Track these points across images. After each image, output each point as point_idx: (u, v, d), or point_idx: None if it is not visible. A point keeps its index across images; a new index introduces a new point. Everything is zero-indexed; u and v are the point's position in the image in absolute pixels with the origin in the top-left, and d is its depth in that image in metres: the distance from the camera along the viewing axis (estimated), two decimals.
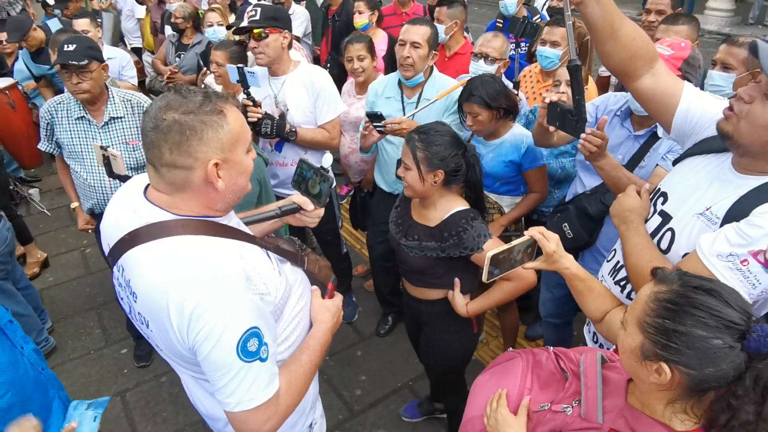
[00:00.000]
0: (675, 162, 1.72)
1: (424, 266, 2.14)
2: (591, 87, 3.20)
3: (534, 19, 4.70)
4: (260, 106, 2.83)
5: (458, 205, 2.07)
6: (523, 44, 4.29)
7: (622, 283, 1.73)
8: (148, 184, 1.37)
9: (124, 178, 2.36)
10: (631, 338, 1.15)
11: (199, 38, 4.83)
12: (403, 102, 2.86)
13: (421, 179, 2.00)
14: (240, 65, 2.77)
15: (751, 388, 1.04)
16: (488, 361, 3.41)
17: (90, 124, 2.84)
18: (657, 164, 2.07)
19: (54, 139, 2.92)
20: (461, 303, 2.15)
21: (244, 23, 2.80)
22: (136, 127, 2.84)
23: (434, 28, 2.83)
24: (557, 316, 2.75)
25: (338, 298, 1.70)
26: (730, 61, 2.62)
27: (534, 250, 1.62)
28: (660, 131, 2.18)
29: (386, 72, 3.96)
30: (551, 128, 1.97)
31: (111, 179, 2.68)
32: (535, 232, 1.60)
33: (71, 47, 2.63)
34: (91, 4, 6.86)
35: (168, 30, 5.39)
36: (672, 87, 1.61)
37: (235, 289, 1.25)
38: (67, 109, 2.85)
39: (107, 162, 2.46)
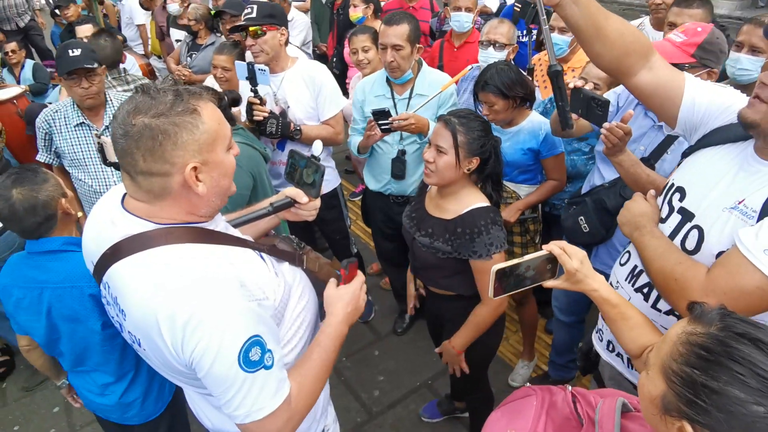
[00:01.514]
0: (684, 155, 1.61)
1: (434, 263, 2.07)
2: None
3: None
4: (266, 104, 2.78)
5: (479, 200, 1.99)
6: (534, 31, 4.20)
7: (644, 291, 1.58)
8: (125, 194, 1.28)
9: (118, 166, 2.32)
10: (653, 385, 0.97)
11: (213, 39, 4.79)
12: (393, 99, 2.77)
13: (457, 165, 1.92)
14: (250, 62, 2.71)
15: None
16: (508, 357, 3.33)
17: (90, 130, 2.79)
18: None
19: (53, 149, 2.87)
20: (447, 345, 2.20)
21: (241, 21, 2.75)
22: None
23: (413, 22, 2.65)
24: (569, 312, 2.67)
25: (356, 281, 1.54)
26: (758, 43, 2.44)
27: (555, 265, 1.45)
28: (664, 127, 2.07)
29: None
30: (573, 116, 1.86)
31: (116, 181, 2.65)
32: (555, 246, 1.42)
33: (77, 52, 2.61)
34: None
35: (174, 33, 5.34)
36: (672, 79, 1.51)
37: (229, 298, 1.18)
38: (65, 117, 2.80)
39: (101, 149, 2.42)
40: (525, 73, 2.91)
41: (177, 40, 5.31)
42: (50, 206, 1.82)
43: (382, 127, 2.62)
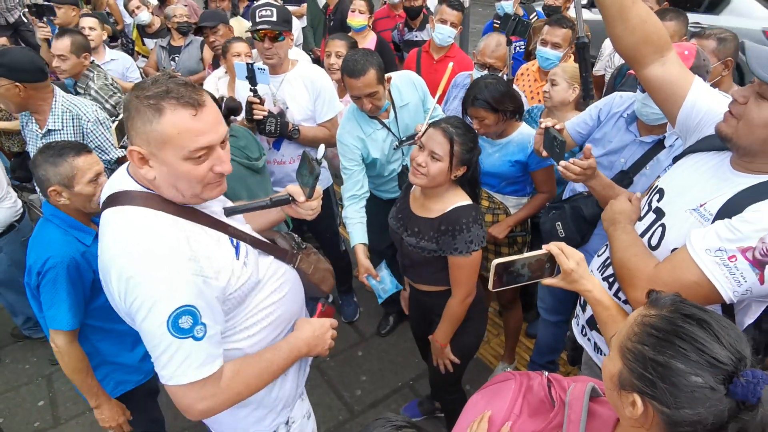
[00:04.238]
0: (675, 159, 1.70)
1: (422, 261, 2.14)
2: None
3: (531, 17, 4.71)
4: (264, 104, 2.84)
5: (461, 199, 2.07)
6: (517, 43, 4.30)
7: (610, 280, 1.71)
8: None
9: None
10: (612, 364, 1.05)
11: (190, 38, 4.80)
12: (386, 125, 2.78)
13: (449, 171, 2.00)
14: (250, 62, 2.75)
15: None
16: (489, 359, 3.41)
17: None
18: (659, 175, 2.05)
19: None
20: (438, 343, 2.28)
21: (261, 24, 2.77)
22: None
23: (375, 59, 2.52)
24: (555, 312, 2.75)
25: (326, 320, 1.70)
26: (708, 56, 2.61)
27: (553, 265, 1.52)
28: (668, 140, 2.15)
29: None
30: (544, 153, 2.01)
31: None
32: (554, 246, 1.49)
33: None
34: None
35: (148, 42, 5.35)
36: (681, 79, 1.58)
37: (172, 267, 1.29)
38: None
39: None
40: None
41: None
42: (42, 185, 1.98)
43: (406, 144, 2.78)
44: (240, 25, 5.13)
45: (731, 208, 1.36)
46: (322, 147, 1.68)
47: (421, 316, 2.49)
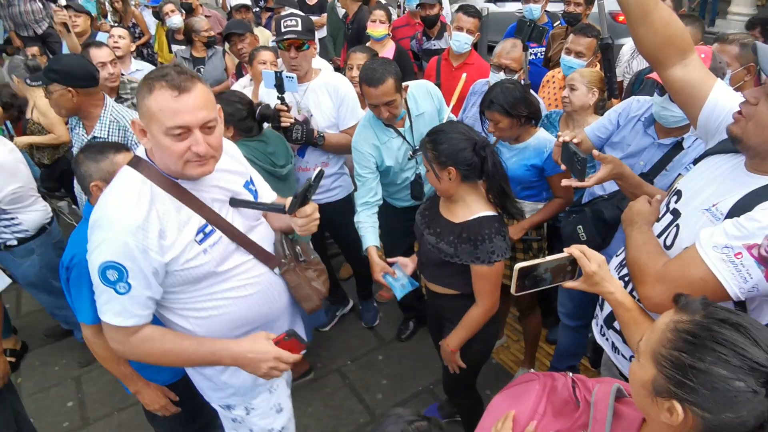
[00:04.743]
0: (696, 161, 1.71)
1: (438, 261, 2.17)
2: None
3: (554, 24, 4.73)
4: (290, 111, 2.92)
5: (486, 209, 2.09)
6: (536, 49, 4.33)
7: (626, 279, 1.72)
8: None
9: None
10: (644, 370, 1.05)
11: (213, 50, 4.91)
12: (401, 134, 2.83)
13: (437, 177, 2.05)
14: (279, 71, 2.83)
15: None
16: (509, 365, 3.42)
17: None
18: (679, 173, 2.05)
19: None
20: (447, 345, 2.30)
21: (287, 34, 2.85)
22: None
23: (393, 68, 2.57)
24: (575, 317, 2.75)
25: (276, 351, 1.66)
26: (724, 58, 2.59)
27: (575, 268, 1.52)
28: (686, 142, 2.16)
29: None
30: (562, 166, 2.03)
31: None
32: (575, 249, 1.51)
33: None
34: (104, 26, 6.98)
35: (175, 48, 5.49)
36: (702, 82, 1.59)
37: (118, 230, 1.51)
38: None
39: None
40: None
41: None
42: (83, 181, 2.06)
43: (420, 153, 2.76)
44: (262, 35, 5.25)
45: (741, 208, 1.37)
46: (317, 170, 1.72)
47: (433, 317, 2.52)
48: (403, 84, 2.66)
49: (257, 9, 6.44)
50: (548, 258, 1.49)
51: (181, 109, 1.47)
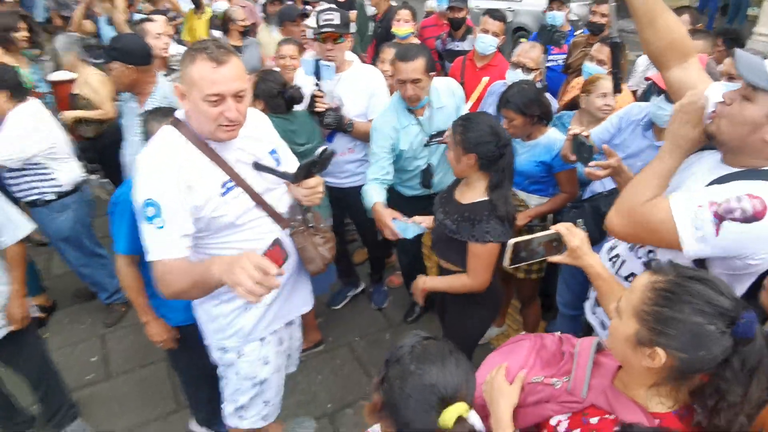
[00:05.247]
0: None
1: (445, 238, 2.37)
2: (626, 95, 3.38)
3: (576, 33, 4.91)
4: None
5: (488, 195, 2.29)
6: (558, 56, 4.52)
7: (613, 260, 1.91)
8: None
9: None
10: (626, 326, 1.22)
11: (249, 40, 5.12)
12: (419, 123, 3.01)
13: (458, 159, 2.25)
14: (318, 58, 3.05)
15: (739, 370, 1.12)
16: None
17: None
18: None
19: None
20: (420, 279, 2.51)
21: (325, 27, 3.05)
22: None
23: (427, 53, 2.79)
24: (572, 306, 2.93)
25: (252, 255, 1.52)
26: (734, 71, 2.75)
27: (560, 244, 1.70)
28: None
29: None
30: (572, 157, 2.23)
31: None
32: (562, 227, 1.69)
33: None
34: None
35: (212, 34, 5.72)
36: (699, 82, 1.73)
37: (155, 172, 1.76)
38: None
39: None
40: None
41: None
42: (147, 137, 2.25)
43: (436, 141, 3.01)
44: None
45: (716, 184, 1.53)
46: (320, 149, 1.95)
47: (440, 295, 2.70)
48: (431, 73, 2.86)
49: (290, 2, 6.66)
50: (538, 234, 1.68)
51: (218, 79, 1.70)
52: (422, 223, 2.56)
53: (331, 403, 3.19)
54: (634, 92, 4.36)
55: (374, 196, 2.86)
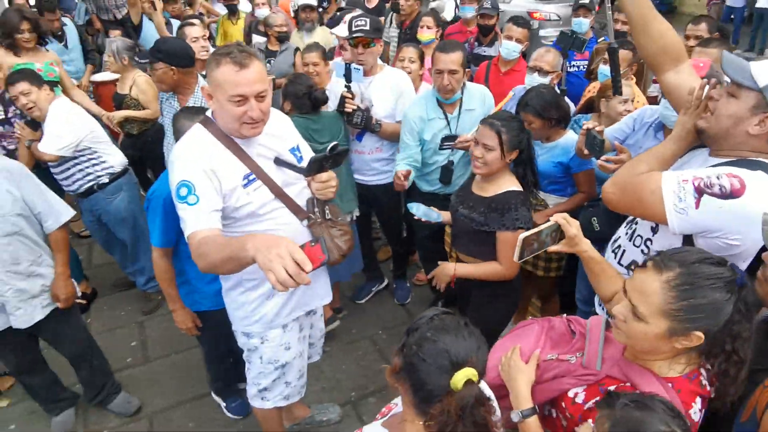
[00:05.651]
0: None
1: (469, 231, 2.50)
2: (641, 101, 3.48)
3: (599, 40, 5.00)
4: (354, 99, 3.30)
5: (513, 185, 2.45)
6: (579, 62, 4.61)
7: (615, 252, 2.04)
8: None
9: None
10: (655, 327, 1.32)
11: (285, 45, 5.32)
12: (447, 118, 3.16)
13: (502, 157, 2.39)
14: (348, 62, 3.23)
15: (745, 310, 1.30)
16: None
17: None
18: None
19: None
20: (450, 265, 2.59)
21: (356, 32, 3.22)
22: None
23: (464, 50, 3.04)
24: (591, 302, 3.02)
25: (291, 245, 1.50)
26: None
27: (558, 234, 1.85)
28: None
29: None
30: (585, 151, 2.36)
31: None
32: (560, 217, 1.83)
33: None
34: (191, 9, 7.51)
35: (256, 38, 5.94)
36: (689, 86, 1.81)
37: (187, 160, 1.93)
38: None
39: None
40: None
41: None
42: (178, 135, 2.40)
43: (447, 147, 3.12)
44: (324, 33, 5.66)
45: None
46: (331, 144, 2.10)
47: (462, 288, 2.79)
48: (466, 69, 3.05)
49: (321, 9, 6.87)
50: (542, 227, 1.82)
51: (241, 81, 1.84)
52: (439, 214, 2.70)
53: (354, 391, 3.34)
54: (654, 98, 4.44)
55: (401, 166, 3.15)
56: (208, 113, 2.07)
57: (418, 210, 2.69)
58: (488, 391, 1.39)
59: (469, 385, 1.25)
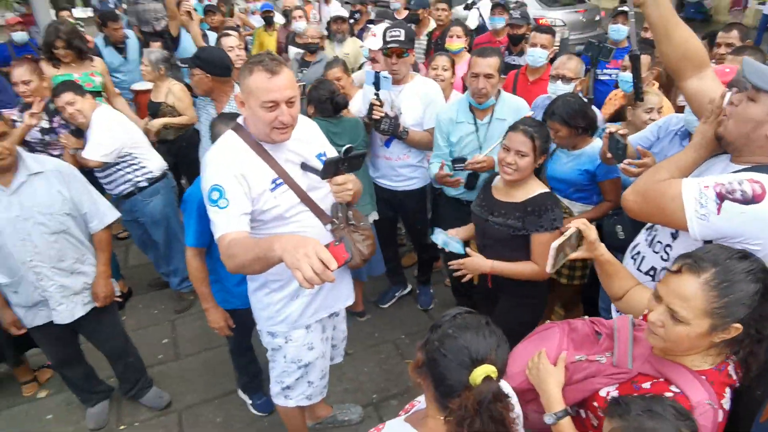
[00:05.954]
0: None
1: (504, 239, 2.53)
2: (669, 109, 3.47)
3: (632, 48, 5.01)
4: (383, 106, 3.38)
5: (542, 187, 2.53)
6: (612, 70, 4.62)
7: (635, 257, 2.07)
8: None
9: None
10: (698, 327, 1.37)
11: (320, 56, 5.46)
12: (476, 124, 3.19)
13: (534, 163, 2.46)
14: (378, 71, 3.32)
15: (764, 291, 1.36)
16: None
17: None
18: None
19: None
20: (486, 262, 2.57)
21: (391, 43, 3.30)
22: None
23: (500, 57, 3.10)
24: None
25: (319, 247, 1.53)
26: None
27: (578, 241, 1.87)
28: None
29: (464, 90, 4.35)
30: (608, 155, 2.40)
31: None
32: (580, 223, 1.85)
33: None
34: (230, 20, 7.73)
35: (291, 50, 6.10)
36: (713, 91, 1.85)
37: (222, 165, 2.01)
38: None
39: None
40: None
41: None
42: (215, 139, 2.50)
43: (458, 168, 3.14)
44: (354, 44, 5.79)
45: None
46: (346, 146, 2.20)
47: (486, 292, 2.82)
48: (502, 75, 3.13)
49: (352, 20, 7.01)
50: (568, 234, 1.85)
51: (272, 88, 1.93)
52: (457, 235, 2.75)
53: (376, 393, 3.39)
54: (682, 107, 4.40)
55: (435, 165, 3.27)
56: (240, 120, 2.15)
57: (438, 238, 2.72)
58: (508, 389, 1.43)
59: (488, 381, 1.29)
